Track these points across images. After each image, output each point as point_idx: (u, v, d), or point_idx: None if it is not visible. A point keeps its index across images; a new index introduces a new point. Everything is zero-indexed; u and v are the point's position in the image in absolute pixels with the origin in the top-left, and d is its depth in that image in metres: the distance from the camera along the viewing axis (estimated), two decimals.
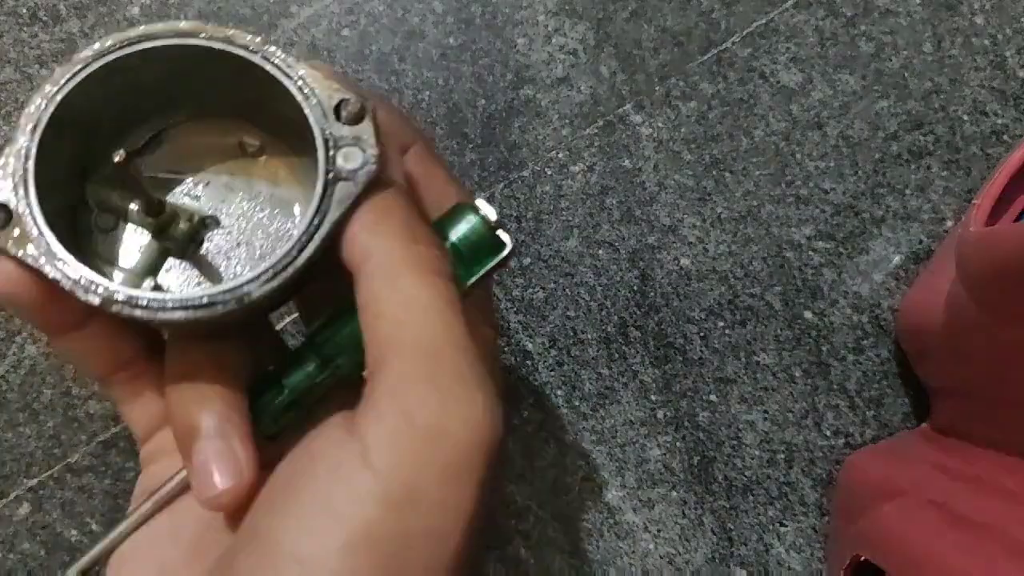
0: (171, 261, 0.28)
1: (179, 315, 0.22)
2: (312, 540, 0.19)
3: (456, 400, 0.20)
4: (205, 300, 0.22)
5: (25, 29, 0.55)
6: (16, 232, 0.22)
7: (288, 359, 0.26)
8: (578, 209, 0.55)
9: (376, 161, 0.23)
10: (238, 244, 0.28)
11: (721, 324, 0.54)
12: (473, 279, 0.25)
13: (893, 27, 0.58)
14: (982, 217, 0.44)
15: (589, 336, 0.54)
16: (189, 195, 0.28)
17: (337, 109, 0.24)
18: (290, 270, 0.22)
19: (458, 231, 0.25)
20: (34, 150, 0.23)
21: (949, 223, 0.55)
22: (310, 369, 0.25)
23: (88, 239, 0.27)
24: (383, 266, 0.22)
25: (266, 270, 0.22)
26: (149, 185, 0.26)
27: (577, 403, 0.53)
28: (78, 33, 0.55)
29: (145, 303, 0.22)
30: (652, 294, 0.54)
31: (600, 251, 0.55)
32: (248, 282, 0.22)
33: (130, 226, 0.28)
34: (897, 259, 0.55)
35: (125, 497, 0.50)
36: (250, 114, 0.28)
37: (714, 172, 0.56)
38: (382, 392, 0.21)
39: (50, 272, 0.22)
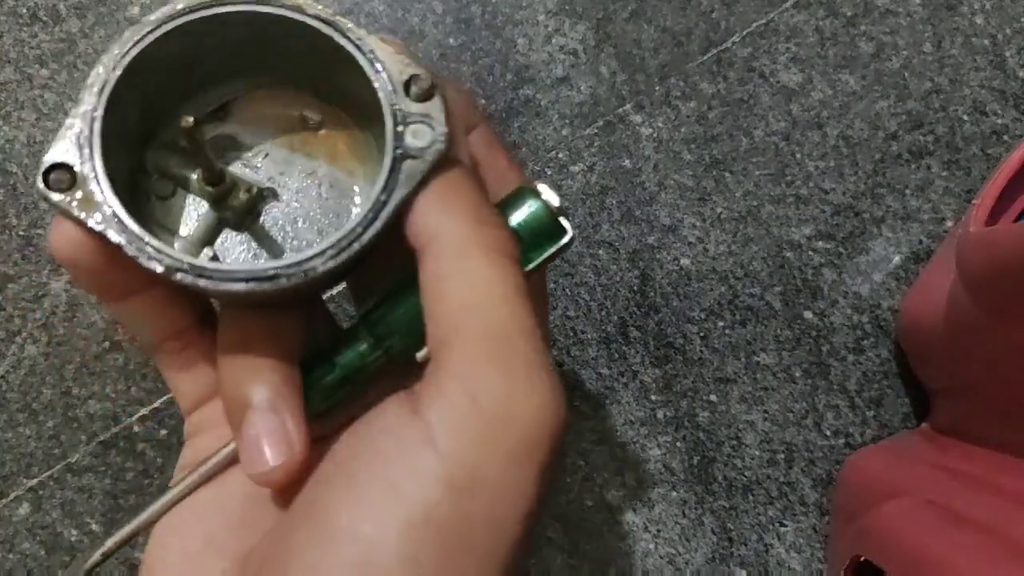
0: (226, 231, 0.28)
1: (242, 287, 0.22)
2: (372, 519, 0.19)
3: (523, 385, 0.20)
4: (271, 272, 0.22)
5: (25, 29, 0.55)
6: (79, 194, 0.22)
7: (340, 336, 0.25)
8: (578, 209, 0.55)
9: (445, 140, 0.23)
10: (295, 219, 0.27)
11: (721, 324, 0.54)
12: (532, 265, 0.25)
13: (893, 27, 0.58)
14: (982, 217, 0.44)
15: (589, 336, 0.54)
16: (248, 165, 0.28)
17: (407, 85, 0.23)
18: (355, 247, 0.22)
19: (519, 215, 0.25)
20: (100, 112, 0.23)
21: (949, 223, 0.55)
22: (363, 348, 0.25)
23: (145, 205, 0.27)
24: (450, 246, 0.22)
25: (331, 245, 0.22)
26: (210, 153, 0.26)
27: (577, 403, 0.53)
28: (78, 33, 0.55)
29: (210, 273, 0.22)
30: (652, 294, 0.54)
31: (600, 251, 0.55)
32: (313, 256, 0.22)
33: (188, 194, 0.27)
34: (897, 259, 0.55)
35: (125, 497, 0.50)
36: (313, 86, 0.28)
37: (714, 172, 0.56)
38: (448, 373, 0.20)
39: (114, 237, 0.22)
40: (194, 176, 0.26)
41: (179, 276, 0.22)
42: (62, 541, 0.50)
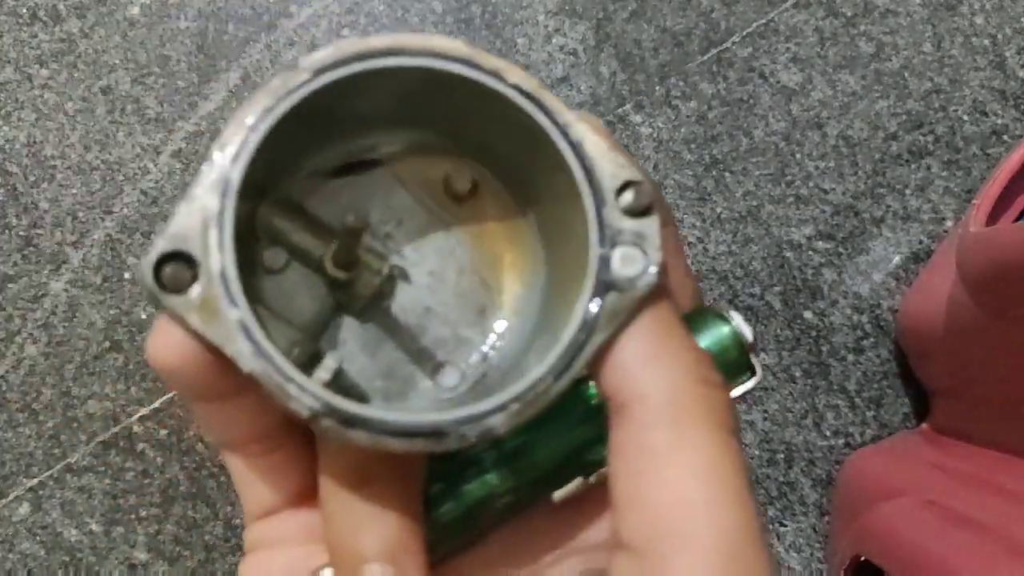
0: (341, 318, 0.22)
1: (402, 445, 0.17)
2: None
3: None
4: (440, 427, 0.17)
5: (25, 29, 0.55)
6: (200, 296, 0.17)
7: (462, 462, 0.21)
8: None
9: (659, 270, 0.18)
10: (426, 309, 0.22)
11: None
12: None
13: (893, 27, 0.58)
14: (982, 217, 0.44)
15: None
16: (375, 235, 0.22)
17: (619, 192, 0.19)
18: (542, 401, 0.18)
19: (702, 342, 0.20)
20: (237, 184, 0.18)
21: (949, 223, 0.55)
22: (493, 481, 0.20)
23: (250, 279, 0.20)
24: (664, 412, 0.17)
25: (514, 398, 0.17)
26: (362, 247, 0.20)
27: None
28: (78, 33, 0.55)
29: (370, 423, 0.17)
30: None
31: None
32: (492, 412, 0.17)
33: (301, 268, 0.21)
34: (897, 259, 0.55)
35: (124, 497, 0.50)
36: (468, 147, 0.22)
37: (714, 172, 0.56)
38: None
39: (245, 365, 0.17)
40: (320, 252, 0.21)
41: (326, 425, 0.17)
42: (62, 541, 0.50)
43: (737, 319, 0.21)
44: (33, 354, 0.51)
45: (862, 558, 0.41)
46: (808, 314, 0.54)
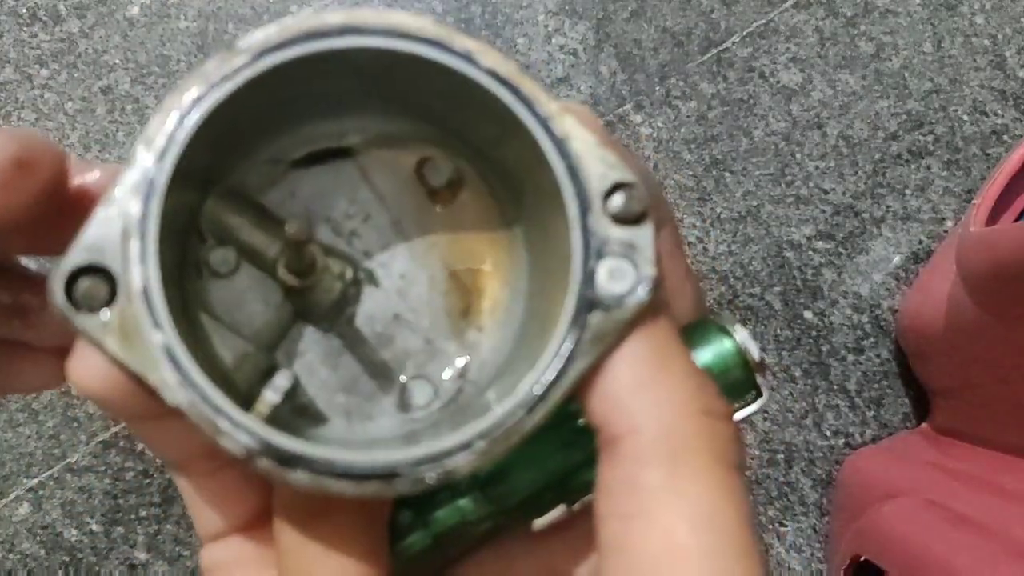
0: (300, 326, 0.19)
1: (351, 488, 0.15)
2: None
3: None
4: (397, 470, 0.15)
5: (25, 29, 0.55)
6: (118, 317, 0.15)
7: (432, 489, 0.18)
8: None
9: (652, 286, 0.15)
10: (396, 316, 0.19)
11: None
12: None
13: (893, 27, 0.58)
14: (982, 217, 0.44)
15: None
16: (339, 232, 0.19)
17: (608, 195, 0.16)
18: (514, 438, 0.15)
19: (702, 357, 0.18)
20: (162, 189, 0.15)
21: (949, 223, 0.55)
22: (466, 506, 0.18)
23: (193, 283, 0.18)
24: (660, 451, 0.15)
25: (480, 435, 0.15)
26: (314, 249, 0.18)
27: None
28: (78, 33, 0.55)
29: (313, 464, 0.15)
30: None
31: None
32: (455, 450, 0.15)
33: (253, 270, 0.19)
34: (897, 259, 0.55)
35: (125, 497, 0.50)
36: (443, 135, 0.20)
37: (714, 172, 0.56)
38: None
39: (169, 397, 0.15)
40: (274, 253, 0.18)
41: (262, 465, 0.15)
42: (62, 541, 0.50)
43: (742, 334, 0.18)
44: None
45: (862, 558, 0.41)
46: (808, 314, 0.54)
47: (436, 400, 0.19)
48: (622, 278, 0.16)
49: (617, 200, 0.16)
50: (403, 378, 0.19)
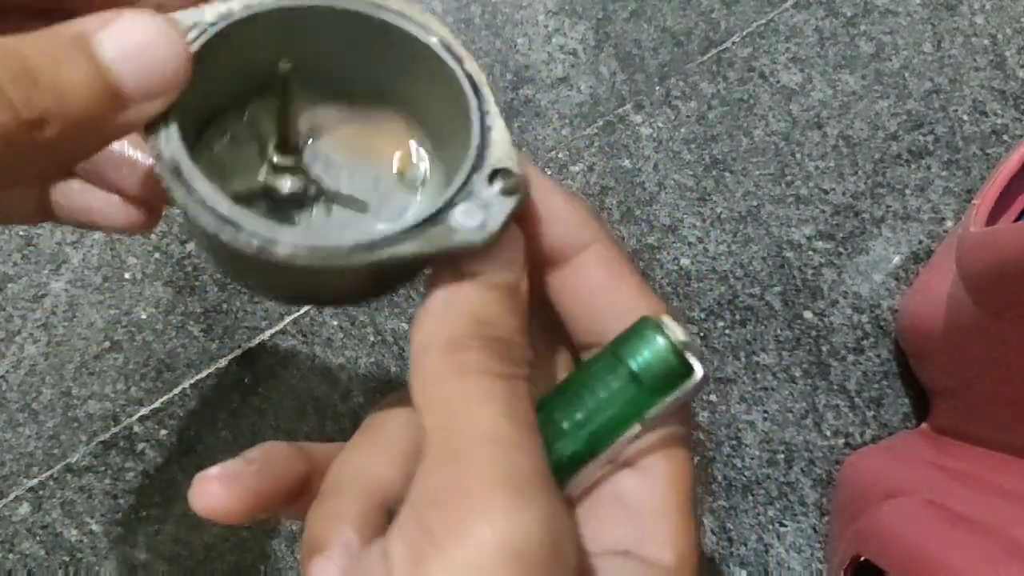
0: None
1: (210, 222, 0.20)
2: None
3: (470, 516, 0.17)
4: (231, 219, 0.20)
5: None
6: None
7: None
8: None
9: (488, 239, 0.21)
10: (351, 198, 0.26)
11: (721, 324, 0.54)
12: (655, 412, 0.22)
13: (893, 27, 0.58)
14: (982, 217, 0.44)
15: None
16: (319, 156, 0.26)
17: (494, 174, 0.22)
18: (386, 253, 0.20)
19: (638, 356, 0.21)
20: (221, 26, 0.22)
21: (949, 223, 0.55)
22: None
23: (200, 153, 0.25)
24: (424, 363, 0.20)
25: (314, 245, 0.20)
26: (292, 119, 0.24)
27: None
28: None
29: (179, 182, 0.20)
30: None
31: None
32: (280, 236, 0.20)
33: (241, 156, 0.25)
34: (897, 259, 0.55)
35: (125, 497, 0.50)
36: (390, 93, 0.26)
37: (714, 172, 0.56)
38: (405, 510, 0.19)
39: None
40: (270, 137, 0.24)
41: (160, 169, 0.20)
42: (62, 541, 0.50)
43: (669, 323, 0.22)
44: (33, 354, 0.51)
45: (862, 558, 0.41)
46: (808, 314, 0.54)
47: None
48: (471, 219, 0.21)
49: (499, 180, 0.22)
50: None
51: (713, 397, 0.53)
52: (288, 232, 0.20)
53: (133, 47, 0.18)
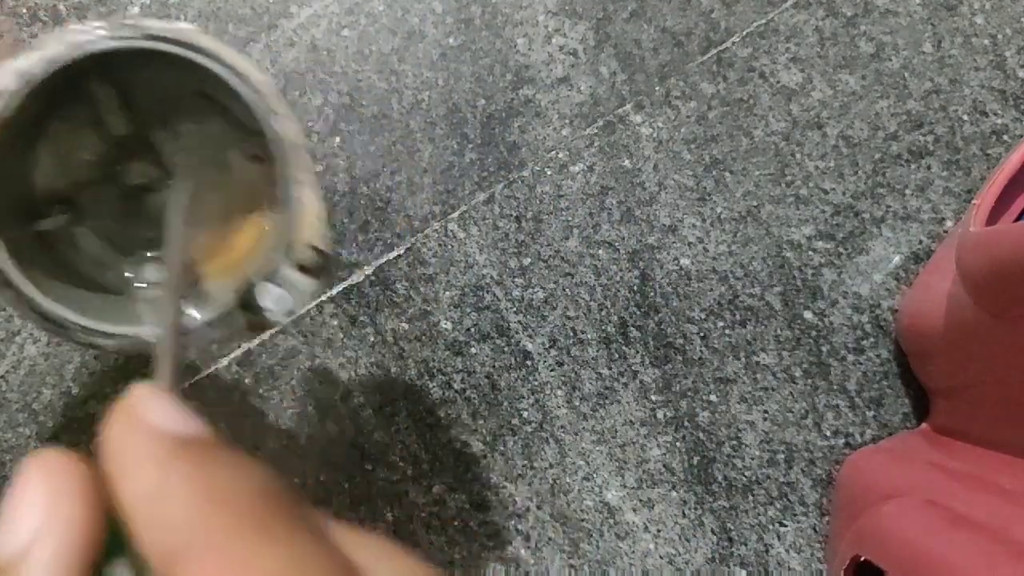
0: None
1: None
2: None
3: None
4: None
5: (25, 29, 0.55)
6: None
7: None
8: (578, 209, 0.55)
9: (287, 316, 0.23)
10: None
11: (721, 324, 0.54)
12: None
13: (893, 27, 0.58)
14: (982, 217, 0.44)
15: (589, 336, 0.54)
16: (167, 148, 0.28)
17: (297, 252, 0.23)
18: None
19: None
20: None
21: (949, 223, 0.55)
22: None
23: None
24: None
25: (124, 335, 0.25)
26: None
27: (577, 403, 0.53)
28: None
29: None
30: (652, 294, 0.54)
31: (600, 251, 0.55)
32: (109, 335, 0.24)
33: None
34: (897, 259, 0.55)
35: None
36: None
37: (714, 172, 0.56)
38: None
39: None
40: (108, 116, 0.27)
41: None
42: None
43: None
44: (33, 354, 0.51)
45: (862, 558, 0.41)
46: (808, 314, 0.54)
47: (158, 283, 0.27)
48: (278, 303, 0.21)
49: (308, 254, 0.21)
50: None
51: (713, 397, 0.53)
52: (108, 326, 0.23)
53: None
